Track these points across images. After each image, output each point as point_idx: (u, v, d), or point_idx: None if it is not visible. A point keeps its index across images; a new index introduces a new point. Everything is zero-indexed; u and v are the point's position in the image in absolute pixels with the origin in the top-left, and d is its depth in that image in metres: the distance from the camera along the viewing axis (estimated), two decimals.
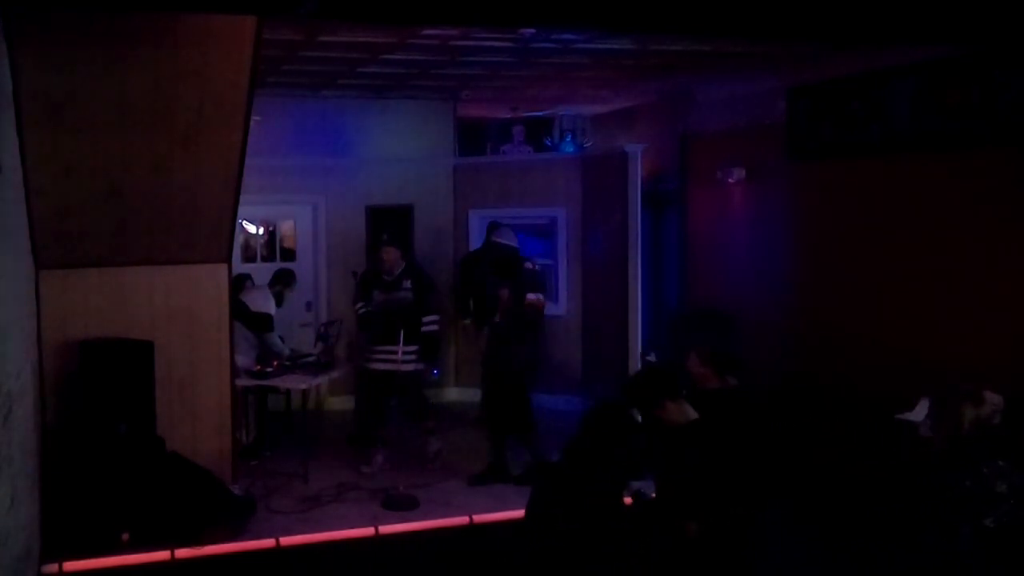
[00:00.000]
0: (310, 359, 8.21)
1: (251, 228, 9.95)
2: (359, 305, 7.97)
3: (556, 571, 3.73)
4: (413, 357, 7.56)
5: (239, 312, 7.65)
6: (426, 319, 7.69)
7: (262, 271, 9.20)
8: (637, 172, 8.94)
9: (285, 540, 6.26)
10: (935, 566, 3.82)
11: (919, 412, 4.85)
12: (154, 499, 6.13)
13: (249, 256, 9.83)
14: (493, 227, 8.26)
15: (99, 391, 6.23)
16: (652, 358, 5.62)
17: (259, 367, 7.84)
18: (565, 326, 9.78)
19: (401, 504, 6.85)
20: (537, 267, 7.86)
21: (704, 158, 9.12)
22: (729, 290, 8.66)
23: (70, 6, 5.12)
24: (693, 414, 4.16)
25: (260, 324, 8.16)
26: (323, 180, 9.80)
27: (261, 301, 8.34)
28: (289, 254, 10.04)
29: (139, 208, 6.30)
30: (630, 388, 4.37)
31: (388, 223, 9.92)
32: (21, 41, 5.08)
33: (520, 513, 4.05)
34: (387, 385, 7.62)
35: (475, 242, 9.66)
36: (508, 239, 7.84)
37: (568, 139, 11.20)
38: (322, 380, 8.30)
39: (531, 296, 7.45)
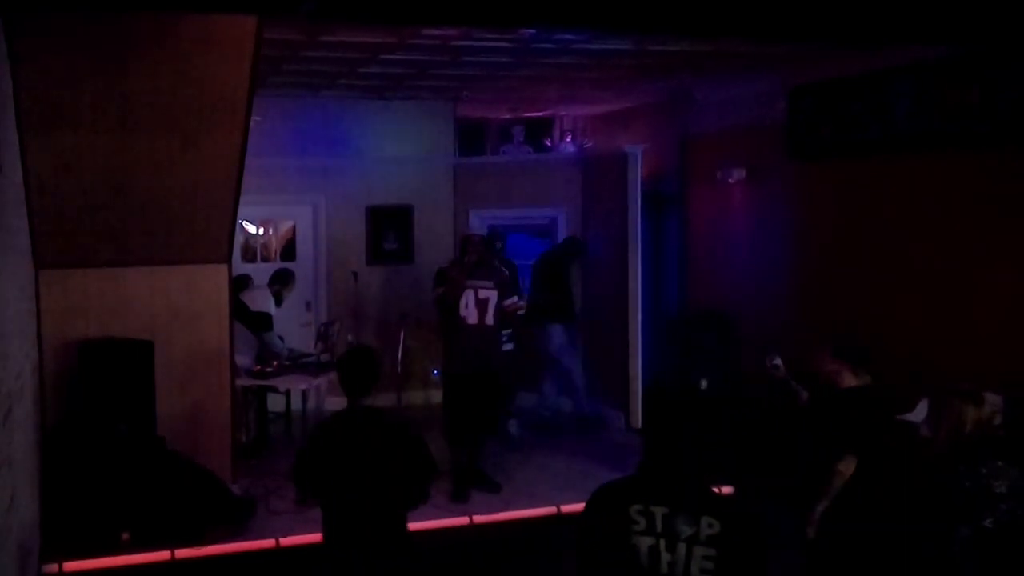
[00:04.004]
0: (310, 359, 8.21)
1: (251, 228, 9.95)
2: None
3: None
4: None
5: (239, 312, 7.66)
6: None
7: (261, 271, 9.20)
8: (637, 173, 8.93)
9: (285, 540, 6.26)
10: (934, 567, 3.83)
11: (919, 413, 4.85)
12: (154, 499, 6.13)
13: (249, 256, 9.85)
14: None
15: (99, 391, 6.23)
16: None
17: (259, 367, 7.84)
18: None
19: None
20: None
21: (704, 158, 9.11)
22: (729, 291, 8.65)
23: (70, 6, 5.12)
24: None
25: (259, 324, 8.16)
26: (323, 180, 9.80)
27: (261, 301, 8.35)
28: (289, 254, 10.05)
29: (139, 208, 6.30)
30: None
31: (388, 223, 9.95)
32: (22, 41, 5.08)
33: (520, 514, 3.99)
34: None
35: None
36: None
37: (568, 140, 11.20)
38: (322, 380, 8.29)
39: (510, 301, 7.52)
